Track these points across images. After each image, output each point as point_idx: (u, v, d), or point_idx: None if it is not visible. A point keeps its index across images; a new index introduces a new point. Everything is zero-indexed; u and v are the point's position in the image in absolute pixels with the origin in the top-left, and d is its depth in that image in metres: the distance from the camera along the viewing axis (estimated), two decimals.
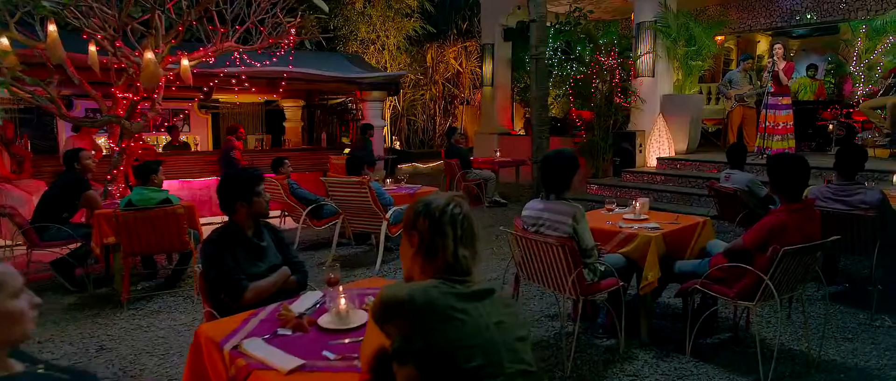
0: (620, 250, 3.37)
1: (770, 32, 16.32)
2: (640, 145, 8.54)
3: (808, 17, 10.59)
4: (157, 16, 4.87)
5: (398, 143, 14.93)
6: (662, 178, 7.82)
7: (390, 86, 8.97)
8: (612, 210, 3.88)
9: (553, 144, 10.43)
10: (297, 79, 7.80)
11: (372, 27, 12.95)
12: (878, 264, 3.74)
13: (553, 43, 10.93)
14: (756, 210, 4.77)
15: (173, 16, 5.16)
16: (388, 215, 5.23)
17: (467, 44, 15.07)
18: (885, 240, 3.72)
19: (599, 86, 9.07)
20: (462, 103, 16.18)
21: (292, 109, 11.82)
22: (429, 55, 15.05)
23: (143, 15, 4.94)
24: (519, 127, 12.89)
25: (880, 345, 3.42)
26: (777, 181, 2.86)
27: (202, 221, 8.22)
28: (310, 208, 5.77)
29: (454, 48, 15.17)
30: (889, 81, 7.65)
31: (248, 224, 2.51)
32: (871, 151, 7.74)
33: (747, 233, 2.93)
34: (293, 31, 5.74)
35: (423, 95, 15.19)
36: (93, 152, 5.28)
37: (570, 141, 9.95)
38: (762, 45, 16.89)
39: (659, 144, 8.48)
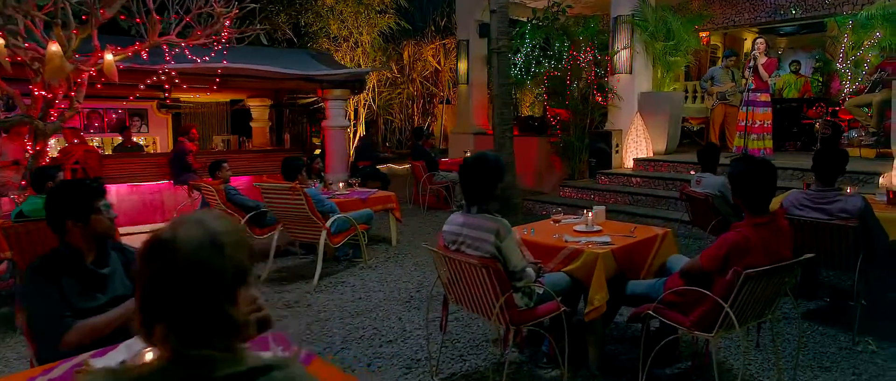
0: (565, 269, 2.92)
1: (756, 29, 16.03)
2: (617, 146, 8.11)
3: (793, 11, 10.23)
4: (61, 4, 4.37)
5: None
6: (639, 180, 7.39)
7: (354, 84, 8.49)
8: (559, 221, 3.42)
9: (530, 144, 10.01)
10: (236, 76, 7.29)
11: (343, 24, 12.45)
12: (860, 278, 3.31)
13: (530, 39, 10.51)
14: (729, 218, 4.33)
15: (82, 6, 4.65)
16: (328, 224, 4.76)
17: (446, 41, 14.61)
18: (869, 252, 3.29)
19: (575, 83, 8.63)
20: (442, 102, 15.71)
21: (259, 109, 11.31)
22: (406, 53, 14.57)
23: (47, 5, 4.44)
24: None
25: (862, 375, 2.98)
26: (738, 190, 2.42)
27: (152, 227, 7.81)
28: (249, 215, 5.28)
29: (432, 45, 14.70)
30: (875, 77, 7.25)
31: (87, 247, 2.03)
32: (857, 151, 7.35)
33: (705, 251, 2.48)
34: (228, 23, 5.24)
35: (400, 93, 14.71)
36: None
37: (546, 141, 9.53)
38: (749, 43, 16.57)
39: (636, 145, 8.05)
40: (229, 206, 5.36)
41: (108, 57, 4.93)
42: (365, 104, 13.55)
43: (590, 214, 3.32)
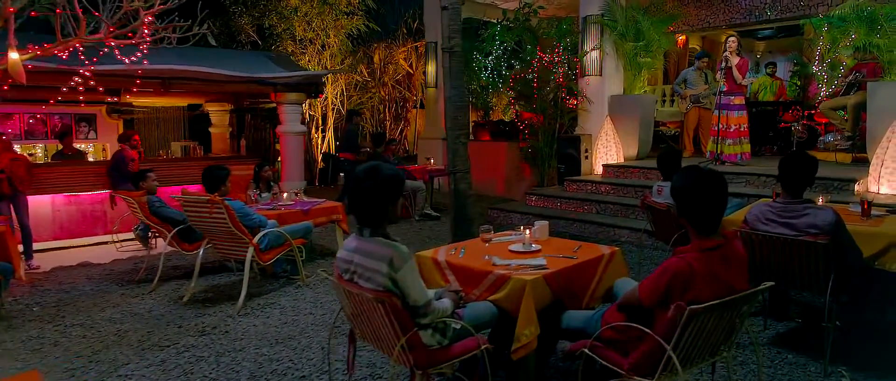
0: (491, 297, 2.50)
1: (734, 32, 15.86)
2: (586, 151, 7.74)
3: (768, 13, 9.98)
4: None
5: None
6: (607, 187, 7.02)
7: (310, 87, 8.03)
8: (489, 240, 2.99)
9: (499, 149, 9.63)
10: (176, 78, 6.80)
11: (309, 26, 11.99)
12: (833, 299, 2.93)
13: (500, 40, 10.15)
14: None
15: None
16: (256, 239, 4.30)
17: (418, 44, 14.19)
18: (841, 272, 2.91)
19: (543, 86, 8.26)
20: (416, 107, 15.30)
21: (218, 114, 10.80)
22: (376, 56, 14.13)
23: None
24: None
25: None
26: (682, 208, 2.02)
27: (92, 240, 7.28)
28: (177, 228, 4.81)
29: (404, 48, 14.28)
30: (850, 79, 6.96)
31: None
32: (832, 156, 7.05)
33: (644, 282, 2.08)
34: (148, 19, 4.76)
35: (370, 97, 14.25)
36: None
37: (516, 146, 9.15)
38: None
39: (606, 150, 7.69)
40: (153, 219, 4.89)
41: (13, 55, 4.44)
42: (333, 109, 13.10)
43: (527, 231, 2.91)
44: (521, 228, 2.96)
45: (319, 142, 12.97)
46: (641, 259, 5.26)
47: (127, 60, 5.43)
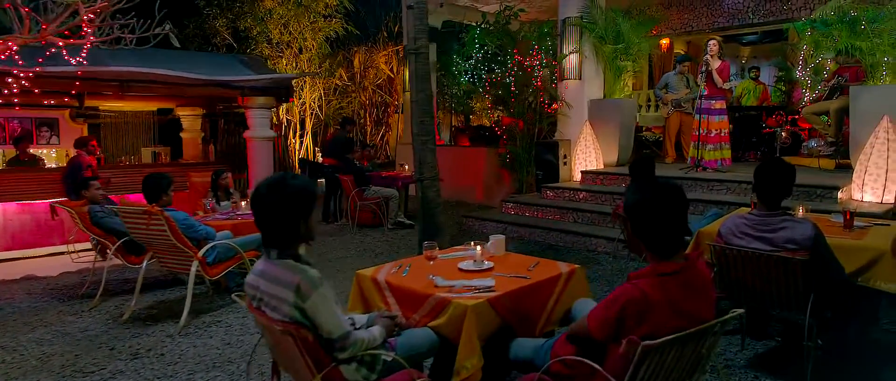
0: (431, 323, 2.23)
1: (719, 37, 15.76)
2: (565, 157, 7.49)
3: (751, 17, 9.85)
4: None
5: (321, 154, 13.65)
6: (585, 195, 6.77)
7: (279, 90, 7.74)
8: (433, 258, 2.71)
9: (479, 155, 9.37)
10: (111, 80, 6.46)
11: (285, 28, 11.69)
12: (813, 319, 2.69)
13: (480, 43, 9.92)
14: None
15: None
16: (202, 253, 3.99)
17: (399, 47, 13.93)
18: (822, 290, 2.67)
19: (522, 90, 8.03)
20: (397, 112, 15.02)
21: (190, 119, 10.45)
22: (356, 59, 13.85)
23: None
24: (446, 137, 11.84)
25: None
26: (637, 227, 1.76)
27: (45, 251, 6.92)
28: (121, 240, 4.48)
29: (385, 52, 14.01)
30: (833, 83, 6.79)
31: None
32: (815, 162, 6.86)
33: (593, 310, 1.81)
34: (89, 17, 4.44)
35: (350, 102, 13.96)
36: None
37: (495, 152, 8.90)
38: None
39: (585, 156, 7.45)
40: (94, 230, 4.57)
41: None
42: (312, 113, 12.80)
43: (478, 247, 2.63)
44: (472, 243, 2.69)
45: (297, 147, 12.66)
46: (616, 271, 5.02)
47: (73, 61, 5.10)
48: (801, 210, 3.56)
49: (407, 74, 11.02)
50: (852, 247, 2.95)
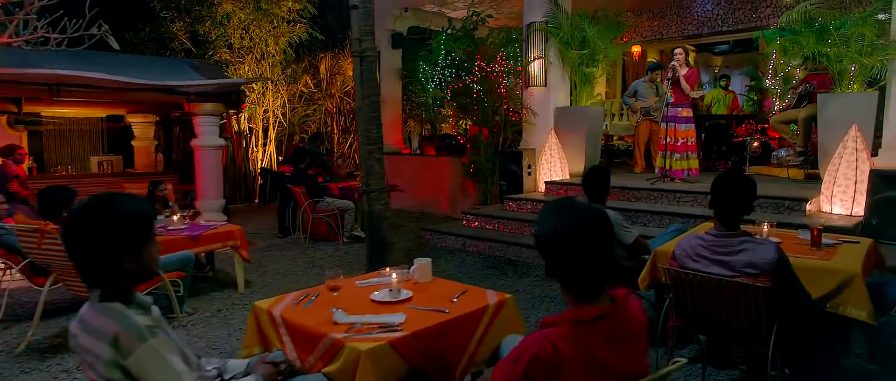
0: (325, 369, 1.85)
1: (693, 47, 15.77)
2: (529, 167, 7.18)
3: (722, 25, 9.72)
4: None
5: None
6: None
7: (229, 96, 7.31)
8: (336, 289, 2.34)
9: (443, 165, 9.03)
10: (38, 84, 5.99)
11: (246, 33, 11.25)
12: (777, 350, 2.38)
13: (445, 48, 9.61)
14: (622, 263, 3.39)
15: None
16: None
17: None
18: (787, 319, 2.36)
19: (487, 97, 7.72)
20: None
21: (142, 126, 9.96)
22: (323, 66, 13.44)
23: None
24: (414, 145, 11.49)
25: None
26: (552, 262, 1.39)
27: None
28: (26, 260, 4.01)
29: (352, 58, 13.63)
30: (801, 90, 6.60)
31: None
32: (784, 171, 6.65)
33: (498, 366, 1.45)
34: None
35: (317, 110, 13.53)
36: None
37: (460, 162, 8.57)
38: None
39: (550, 165, 7.15)
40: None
41: None
42: (275, 121, 12.34)
43: (394, 274, 2.27)
44: (387, 270, 2.32)
45: (260, 156, 12.18)
46: None
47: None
48: (766, 226, 3.28)
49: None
50: (820, 269, 2.66)
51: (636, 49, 11.41)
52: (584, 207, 1.34)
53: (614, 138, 10.55)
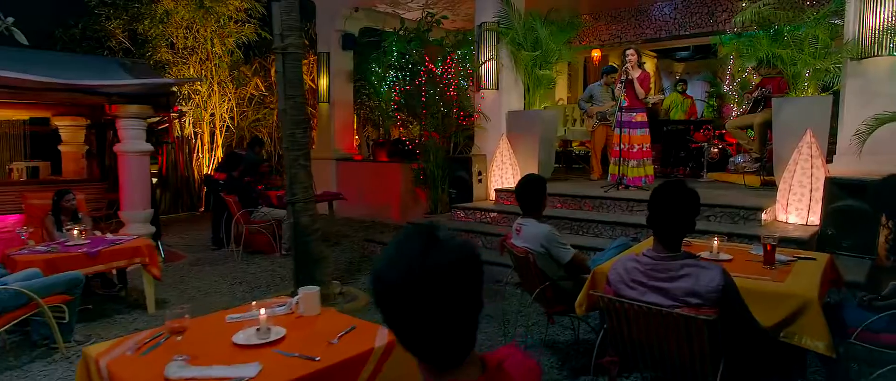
0: None
1: (654, 52, 15.78)
2: (480, 174, 6.82)
3: (679, 30, 9.61)
4: None
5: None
6: (497, 215, 6.11)
7: (157, 98, 6.74)
8: (180, 331, 1.88)
9: (394, 171, 8.60)
10: None
11: (189, 32, 10.63)
12: None
13: (398, 49, 9.21)
14: (560, 284, 3.02)
15: None
16: None
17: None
18: (734, 355, 2.02)
19: (434, 100, 7.34)
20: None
21: (70, 130, 9.23)
22: (274, 68, 12.86)
23: None
24: (366, 152, 11.04)
25: None
26: (390, 319, 0.98)
27: None
28: None
29: (306, 61, 13.09)
30: (756, 94, 6.42)
31: None
32: (740, 178, 6.45)
33: None
34: None
35: (268, 114, 12.94)
36: None
37: (410, 168, 8.16)
38: (648, 66, 16.23)
39: (501, 172, 6.80)
40: None
41: None
42: (223, 126, 11.72)
43: (263, 310, 1.84)
44: (254, 304, 1.89)
45: (206, 163, 11.53)
46: (522, 308, 4.32)
47: None
48: (715, 242, 2.96)
49: (322, 82, 10.21)
50: (773, 294, 2.33)
51: (596, 53, 11.24)
52: (434, 246, 0.93)
53: (573, 144, 10.32)
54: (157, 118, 11.11)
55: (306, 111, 4.52)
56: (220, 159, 10.38)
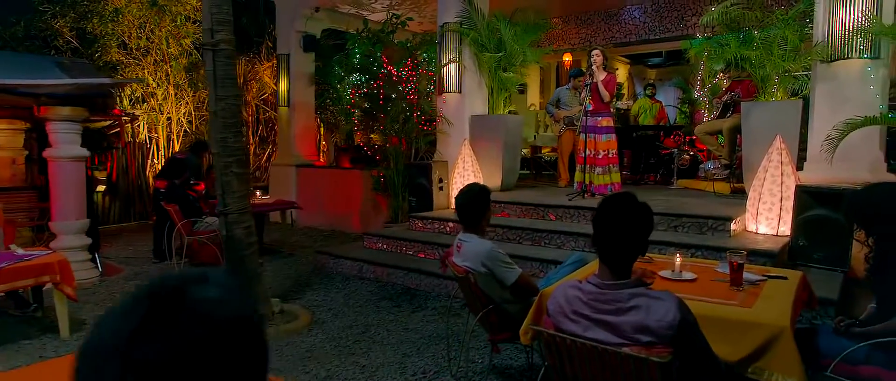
0: None
1: (626, 58, 15.67)
2: (441, 181, 6.48)
3: (650, 33, 9.45)
4: None
5: None
6: (455, 226, 5.75)
7: (93, 99, 6.26)
8: None
9: (355, 178, 8.21)
10: None
11: (142, 32, 10.11)
12: None
13: (360, 51, 8.85)
14: (503, 307, 2.68)
15: None
16: None
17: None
18: None
19: (392, 103, 6.98)
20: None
21: (7, 134, 8.63)
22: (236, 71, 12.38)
23: None
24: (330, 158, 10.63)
25: None
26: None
27: None
28: None
29: (270, 64, 12.64)
30: (725, 99, 6.21)
31: None
32: (709, 185, 6.23)
33: None
34: None
35: None
36: None
37: (371, 175, 7.78)
38: (621, 73, 16.12)
39: (463, 180, 6.45)
40: None
41: None
42: (181, 131, 11.18)
43: None
44: None
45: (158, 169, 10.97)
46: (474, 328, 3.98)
47: None
48: (678, 259, 2.66)
49: (281, 86, 9.78)
50: (740, 323, 2.03)
51: (568, 58, 11.03)
52: (158, 324, 0.56)
53: (543, 150, 10.07)
54: (109, 122, 10.59)
55: (240, 114, 4.13)
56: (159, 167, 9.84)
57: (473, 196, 2.73)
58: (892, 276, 2.11)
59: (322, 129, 12.19)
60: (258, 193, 6.88)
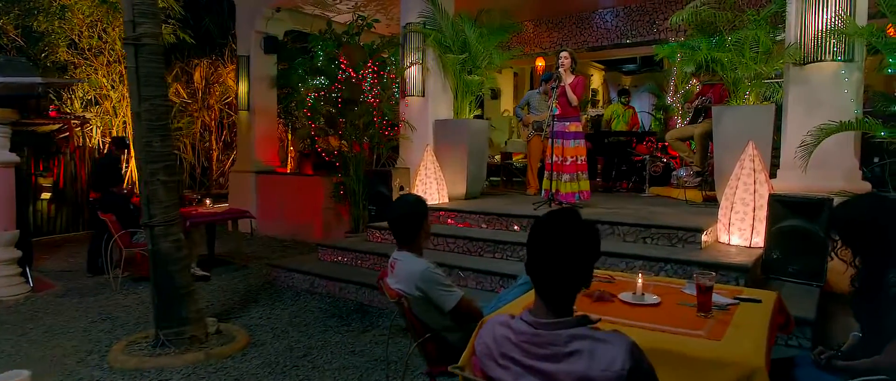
0: None
1: (600, 63, 15.52)
2: (402, 189, 6.12)
3: (622, 38, 9.26)
4: None
5: None
6: None
7: (23, 100, 5.79)
8: None
9: (316, 186, 7.80)
10: None
11: (94, 31, 9.59)
12: None
13: (323, 53, 8.48)
14: (443, 335, 2.34)
15: None
16: None
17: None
18: None
19: (351, 107, 6.62)
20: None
21: None
22: (197, 73, 11.88)
23: None
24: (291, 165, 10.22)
25: None
26: None
27: None
28: None
29: (233, 66, 12.17)
30: (697, 104, 5.99)
31: None
32: (682, 193, 5.99)
33: None
34: None
35: (192, 122, 11.93)
36: None
37: (332, 182, 7.39)
38: (596, 80, 15.99)
39: (425, 188, 6.11)
40: None
41: None
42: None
43: None
44: None
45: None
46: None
47: None
48: (640, 281, 2.35)
49: (241, 88, 9.35)
50: (707, 361, 1.72)
51: (541, 62, 10.80)
52: None
53: (513, 157, 9.80)
54: (58, 126, 10.02)
55: (168, 116, 3.74)
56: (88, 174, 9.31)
57: (406, 207, 2.39)
58: (881, 301, 1.83)
59: (289, 135, 11.78)
60: (208, 201, 6.43)
